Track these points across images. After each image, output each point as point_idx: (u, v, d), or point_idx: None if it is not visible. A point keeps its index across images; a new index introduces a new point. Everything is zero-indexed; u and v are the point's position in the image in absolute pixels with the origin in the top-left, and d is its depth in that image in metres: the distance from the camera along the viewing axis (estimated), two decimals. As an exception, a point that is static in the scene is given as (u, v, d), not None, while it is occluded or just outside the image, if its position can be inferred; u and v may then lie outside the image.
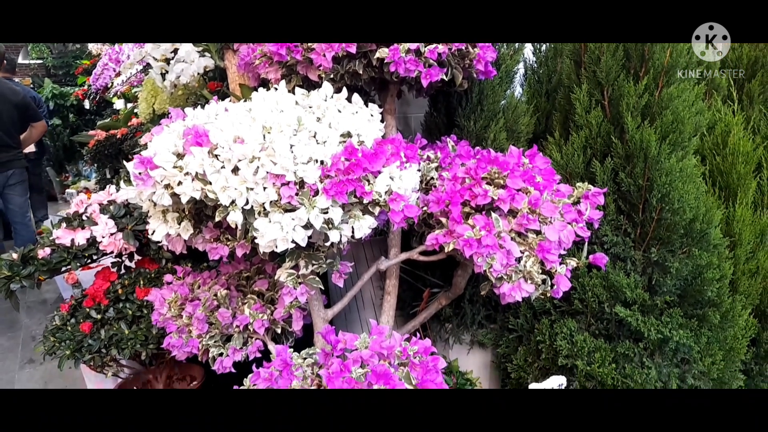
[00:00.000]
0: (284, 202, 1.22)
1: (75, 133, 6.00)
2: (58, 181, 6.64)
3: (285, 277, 1.43)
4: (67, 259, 1.81)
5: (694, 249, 1.64)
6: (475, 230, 1.35)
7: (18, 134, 4.01)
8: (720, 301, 1.68)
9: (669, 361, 1.68)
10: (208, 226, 1.50)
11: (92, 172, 5.70)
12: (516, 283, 1.37)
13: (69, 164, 6.83)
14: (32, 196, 5.50)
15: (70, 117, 6.88)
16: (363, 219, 1.28)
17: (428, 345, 1.26)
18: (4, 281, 1.72)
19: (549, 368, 1.76)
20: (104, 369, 1.91)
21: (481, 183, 1.40)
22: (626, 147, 1.65)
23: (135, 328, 1.83)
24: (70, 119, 6.88)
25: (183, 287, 1.74)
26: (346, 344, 1.24)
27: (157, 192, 1.30)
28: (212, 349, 1.64)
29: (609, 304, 1.65)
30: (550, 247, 1.34)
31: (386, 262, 1.64)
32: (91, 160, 4.13)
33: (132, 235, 1.87)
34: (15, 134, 3.96)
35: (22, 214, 4.17)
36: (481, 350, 2.07)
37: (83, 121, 6.79)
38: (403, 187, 1.28)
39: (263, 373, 1.22)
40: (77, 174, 6.49)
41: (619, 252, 1.68)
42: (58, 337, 1.81)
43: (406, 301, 2.11)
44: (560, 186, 1.45)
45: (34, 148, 5.19)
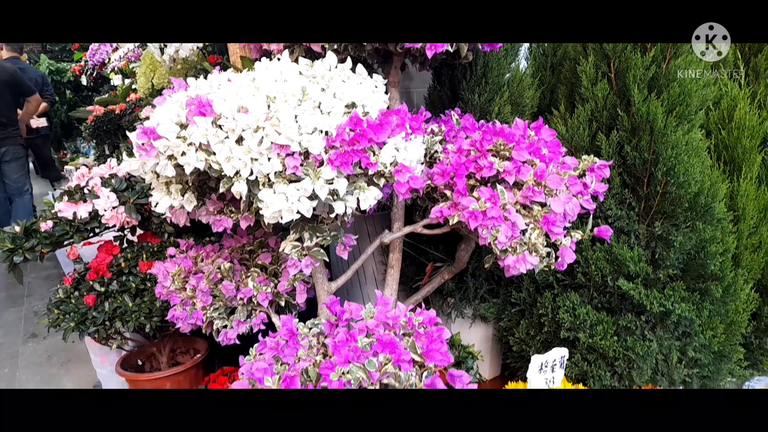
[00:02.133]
0: (289, 173, 1.21)
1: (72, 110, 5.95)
2: (57, 158, 6.60)
3: (289, 249, 1.43)
4: (70, 232, 1.80)
5: (698, 223, 1.64)
6: (480, 202, 1.34)
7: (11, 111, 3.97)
8: (722, 275, 1.68)
9: (670, 334, 1.69)
10: (212, 198, 1.49)
11: (90, 148, 5.67)
12: (520, 256, 1.37)
13: (67, 141, 6.79)
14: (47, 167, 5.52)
15: (67, 93, 6.81)
16: (368, 190, 1.28)
17: (433, 316, 1.27)
18: (7, 254, 1.72)
19: (551, 341, 1.77)
20: (108, 341, 1.92)
21: (487, 155, 1.39)
22: (632, 120, 1.64)
23: (139, 301, 1.83)
24: (67, 96, 6.81)
25: (186, 260, 1.74)
26: (352, 314, 1.24)
27: (160, 163, 1.29)
28: (216, 322, 1.65)
29: (612, 278, 1.66)
30: (555, 220, 1.34)
31: (390, 235, 1.64)
32: (90, 136, 4.10)
33: (134, 208, 1.86)
34: (7, 111, 3.92)
35: (18, 189, 4.18)
36: (483, 324, 2.08)
37: (80, 98, 6.72)
38: (408, 159, 1.27)
39: (269, 342, 1.22)
40: (75, 151, 6.45)
41: (623, 226, 1.68)
42: (62, 310, 1.81)
43: (409, 275, 2.11)
44: (566, 158, 1.45)
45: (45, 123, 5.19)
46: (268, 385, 1.11)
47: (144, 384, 2.06)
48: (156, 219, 1.99)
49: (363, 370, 1.09)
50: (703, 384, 1.77)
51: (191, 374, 2.09)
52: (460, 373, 1.22)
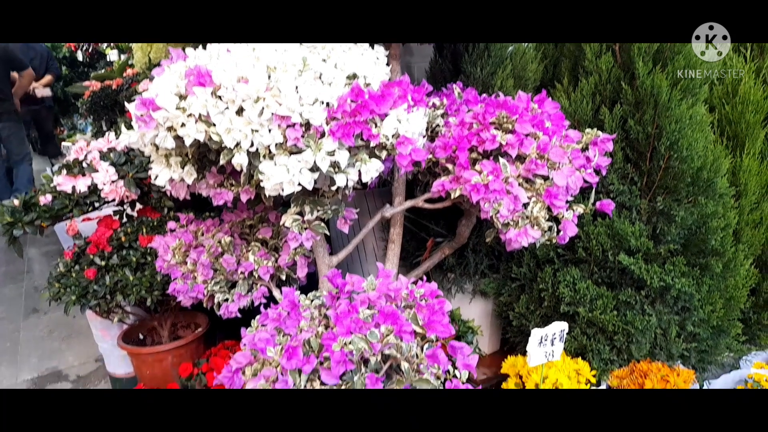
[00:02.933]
0: (290, 145, 1.20)
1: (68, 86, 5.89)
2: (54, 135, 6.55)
3: (290, 223, 1.42)
4: (69, 206, 1.80)
5: (700, 198, 1.63)
6: (482, 176, 1.33)
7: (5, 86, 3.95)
8: (723, 251, 1.69)
9: (670, 309, 1.70)
10: (212, 171, 1.48)
11: (87, 125, 5.62)
12: (522, 229, 1.37)
13: (63, 118, 6.73)
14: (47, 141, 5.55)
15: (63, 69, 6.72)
16: (370, 162, 1.27)
17: (434, 288, 1.27)
18: (6, 227, 1.72)
19: (551, 316, 1.78)
20: (110, 315, 1.93)
21: (489, 128, 1.38)
22: (636, 93, 1.62)
23: (139, 274, 1.84)
24: (63, 72, 6.72)
25: (187, 234, 1.74)
26: (354, 286, 1.24)
27: (159, 134, 1.28)
28: (218, 295, 1.65)
29: (613, 253, 1.66)
30: (558, 193, 1.34)
31: (391, 209, 1.64)
32: (87, 111, 4.06)
33: (133, 182, 1.85)
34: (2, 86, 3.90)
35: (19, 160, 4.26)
36: (482, 299, 2.09)
37: (76, 74, 6.64)
38: (410, 131, 1.26)
39: (272, 313, 1.23)
40: (72, 128, 6.40)
41: (625, 201, 1.67)
42: (63, 283, 1.82)
43: (409, 251, 2.11)
44: (569, 131, 1.43)
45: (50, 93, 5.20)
46: (270, 355, 1.12)
47: (145, 357, 2.07)
48: (155, 194, 1.98)
49: (365, 340, 1.10)
50: (701, 358, 1.78)
51: (192, 348, 2.11)
52: (461, 345, 1.23)
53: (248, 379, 1.16)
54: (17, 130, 4.16)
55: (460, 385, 1.15)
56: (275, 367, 1.13)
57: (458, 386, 1.15)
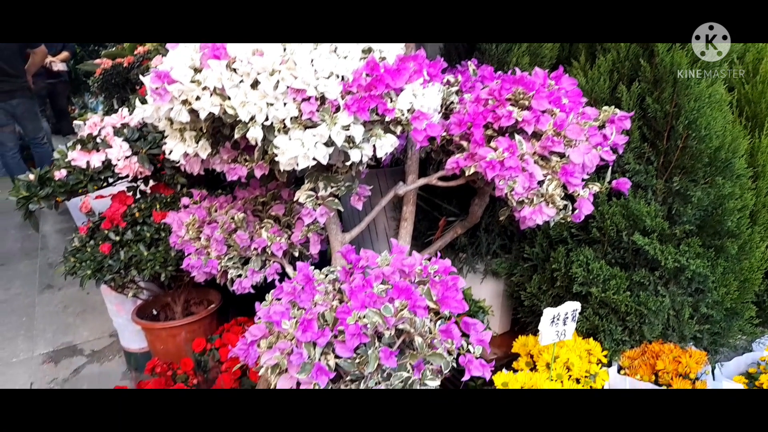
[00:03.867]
0: (305, 118, 1.20)
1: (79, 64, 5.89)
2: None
3: (304, 199, 1.42)
4: (84, 181, 1.81)
5: (717, 178, 1.61)
6: (497, 152, 1.32)
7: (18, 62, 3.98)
8: (739, 232, 1.67)
9: (683, 290, 1.69)
10: (226, 147, 1.48)
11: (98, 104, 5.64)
12: (537, 207, 1.36)
13: (75, 97, 6.74)
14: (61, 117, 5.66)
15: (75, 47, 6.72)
16: (385, 137, 1.26)
17: (448, 265, 1.27)
18: (22, 201, 1.73)
19: (563, 296, 1.78)
20: (124, 290, 1.95)
21: (505, 104, 1.36)
22: (655, 71, 1.59)
23: (153, 250, 1.85)
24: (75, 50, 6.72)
25: (200, 210, 1.75)
26: (368, 262, 1.24)
27: (174, 108, 1.27)
28: (231, 271, 1.66)
29: (627, 233, 1.65)
30: (574, 170, 1.32)
31: (404, 187, 1.63)
32: (99, 89, 4.07)
33: (147, 158, 1.86)
34: (14, 62, 3.93)
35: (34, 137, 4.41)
36: (494, 280, 2.09)
37: (87, 52, 6.64)
38: (425, 105, 1.25)
39: (286, 287, 1.23)
40: (83, 107, 6.42)
41: (641, 181, 1.65)
42: (78, 258, 1.84)
43: (421, 231, 2.11)
44: (586, 109, 1.41)
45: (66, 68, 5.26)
46: (286, 327, 1.12)
47: (159, 332, 2.10)
48: (168, 170, 1.99)
49: (379, 315, 1.10)
50: (714, 340, 1.77)
51: (205, 324, 2.13)
52: (475, 321, 1.23)
53: (263, 352, 1.17)
54: (31, 106, 4.23)
55: (473, 360, 1.16)
56: (290, 340, 1.14)
57: (471, 361, 1.15)
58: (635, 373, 1.67)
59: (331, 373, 1.09)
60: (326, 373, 1.08)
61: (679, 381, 1.62)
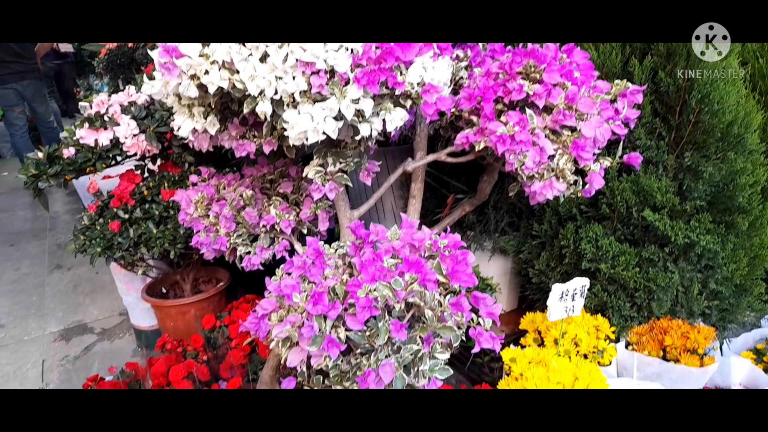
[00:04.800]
0: (314, 92, 1.19)
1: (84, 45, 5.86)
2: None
3: (313, 174, 1.42)
4: (92, 159, 1.81)
5: (729, 153, 1.59)
6: (508, 126, 1.31)
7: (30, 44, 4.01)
8: (750, 208, 1.66)
9: (693, 266, 1.69)
10: (234, 122, 1.47)
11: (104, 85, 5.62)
12: (547, 182, 1.35)
13: (80, 78, 6.73)
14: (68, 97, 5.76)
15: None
16: (394, 111, 1.25)
17: (458, 239, 1.27)
18: (32, 179, 1.74)
19: (571, 273, 1.78)
20: (134, 267, 1.96)
21: (516, 77, 1.34)
22: (668, 44, 1.57)
23: (162, 227, 1.86)
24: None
25: (209, 188, 1.75)
26: (378, 236, 1.24)
27: (183, 83, 1.27)
28: (240, 248, 1.67)
29: (637, 209, 1.64)
30: (585, 144, 1.31)
31: (413, 163, 1.62)
32: (104, 70, 4.05)
33: (155, 136, 1.85)
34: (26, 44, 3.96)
35: (46, 120, 4.55)
36: (502, 257, 2.09)
37: (91, 33, 6.60)
38: (436, 78, 1.24)
39: (297, 261, 1.24)
40: (88, 88, 6.41)
41: (652, 156, 1.64)
42: (88, 236, 1.85)
43: (429, 208, 2.11)
44: (598, 82, 1.40)
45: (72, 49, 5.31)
46: (296, 300, 1.13)
47: (169, 310, 2.12)
48: (176, 149, 1.99)
49: (389, 288, 1.10)
50: (722, 316, 1.77)
51: (215, 301, 2.15)
52: (484, 296, 1.24)
53: (274, 325, 1.18)
54: (40, 88, 4.32)
55: (483, 332, 1.16)
56: (301, 313, 1.14)
57: (482, 333, 1.16)
58: (643, 349, 1.68)
59: (342, 345, 1.10)
60: (337, 345, 1.09)
61: (687, 356, 1.62)
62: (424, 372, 1.20)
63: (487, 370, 1.92)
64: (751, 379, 1.72)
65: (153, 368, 1.80)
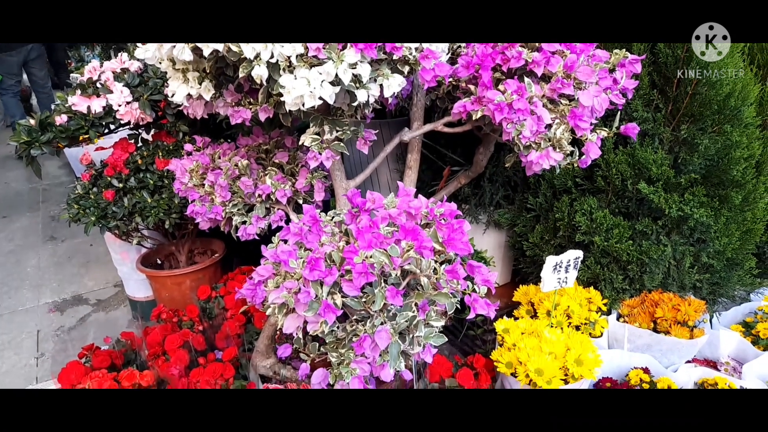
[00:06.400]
0: (311, 56, 1.17)
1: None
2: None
3: (309, 142, 1.41)
4: (85, 126, 1.79)
5: (725, 126, 1.60)
6: (506, 95, 1.30)
7: None
8: (744, 182, 1.67)
9: (685, 240, 1.70)
10: (230, 89, 1.45)
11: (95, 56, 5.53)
12: (544, 152, 1.35)
13: (71, 50, 6.60)
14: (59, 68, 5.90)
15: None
16: (392, 77, 1.24)
17: (454, 208, 1.27)
18: (24, 146, 1.72)
19: (565, 245, 1.79)
20: (129, 237, 1.96)
21: (515, 44, 1.33)
22: (668, 15, 1.56)
23: (157, 197, 1.85)
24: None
25: (203, 157, 1.73)
26: (374, 204, 1.24)
27: (177, 46, 1.25)
28: (235, 218, 1.66)
29: (632, 182, 1.64)
30: (583, 114, 1.31)
31: (410, 133, 1.61)
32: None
33: (148, 104, 1.83)
34: None
35: (43, 85, 4.88)
36: (496, 231, 2.10)
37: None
38: (434, 44, 1.22)
39: (293, 227, 1.24)
40: (80, 60, 6.30)
41: (648, 129, 1.64)
42: (82, 205, 1.84)
43: (425, 181, 2.11)
44: (597, 51, 1.39)
45: None
46: (293, 266, 1.13)
47: (164, 280, 2.12)
48: (170, 117, 1.96)
49: (386, 255, 1.11)
50: (713, 290, 1.79)
51: (210, 272, 2.15)
52: (479, 264, 1.24)
53: (270, 291, 1.18)
54: (42, 52, 4.74)
55: (478, 299, 1.17)
56: (297, 280, 1.15)
57: (477, 300, 1.17)
58: (634, 321, 1.70)
59: (338, 311, 1.10)
60: (333, 311, 1.09)
61: (677, 329, 1.65)
62: (419, 339, 1.21)
63: (480, 342, 1.95)
64: (740, 351, 1.75)
65: (148, 338, 1.80)
